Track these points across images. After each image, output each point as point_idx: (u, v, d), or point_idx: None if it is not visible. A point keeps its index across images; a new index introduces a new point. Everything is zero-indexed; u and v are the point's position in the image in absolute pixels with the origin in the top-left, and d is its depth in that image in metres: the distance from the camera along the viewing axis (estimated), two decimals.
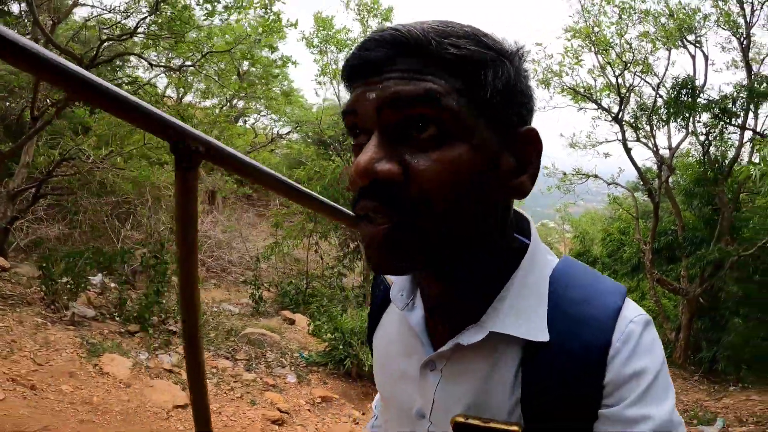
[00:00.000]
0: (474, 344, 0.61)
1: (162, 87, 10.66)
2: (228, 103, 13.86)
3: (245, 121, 16.87)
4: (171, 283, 7.12)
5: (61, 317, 5.94)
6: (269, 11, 7.00)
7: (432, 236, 0.55)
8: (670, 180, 11.44)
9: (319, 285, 11.88)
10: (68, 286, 6.15)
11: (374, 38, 0.55)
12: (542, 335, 0.59)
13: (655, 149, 10.93)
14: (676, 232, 11.16)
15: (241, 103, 14.91)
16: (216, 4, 6.66)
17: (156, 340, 6.16)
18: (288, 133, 17.28)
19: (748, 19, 9.31)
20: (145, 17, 6.27)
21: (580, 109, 11.71)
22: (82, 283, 6.21)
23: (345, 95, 0.62)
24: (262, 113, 15.43)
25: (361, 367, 7.11)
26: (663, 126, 10.96)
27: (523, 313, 0.61)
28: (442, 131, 0.53)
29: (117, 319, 6.44)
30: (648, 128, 10.87)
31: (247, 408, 5.34)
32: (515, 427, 0.60)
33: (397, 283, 0.71)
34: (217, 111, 13.16)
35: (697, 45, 10.13)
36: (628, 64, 10.33)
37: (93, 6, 7.44)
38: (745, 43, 9.44)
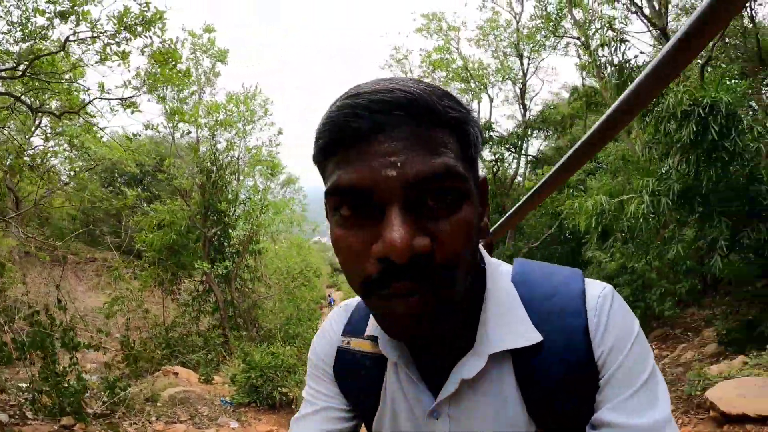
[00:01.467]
0: (475, 376, 0.63)
1: None
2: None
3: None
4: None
5: None
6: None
7: (456, 301, 0.56)
8: None
9: (175, 334, 11.40)
10: None
11: (382, 99, 0.51)
12: (535, 336, 0.62)
13: None
14: None
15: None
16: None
17: (98, 428, 5.71)
18: (87, 170, 15.32)
19: (525, 71, 12.93)
20: (35, 59, 5.60)
21: None
22: None
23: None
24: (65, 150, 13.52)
25: (283, 396, 7.69)
26: None
27: (509, 325, 0.63)
28: (455, 197, 0.53)
29: (31, 416, 5.66)
30: None
31: None
32: None
33: (379, 338, 0.70)
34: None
35: (483, 89, 13.45)
36: None
37: None
38: (521, 89, 13.04)
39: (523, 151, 13.00)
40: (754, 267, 5.81)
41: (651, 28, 10.21)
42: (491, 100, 13.95)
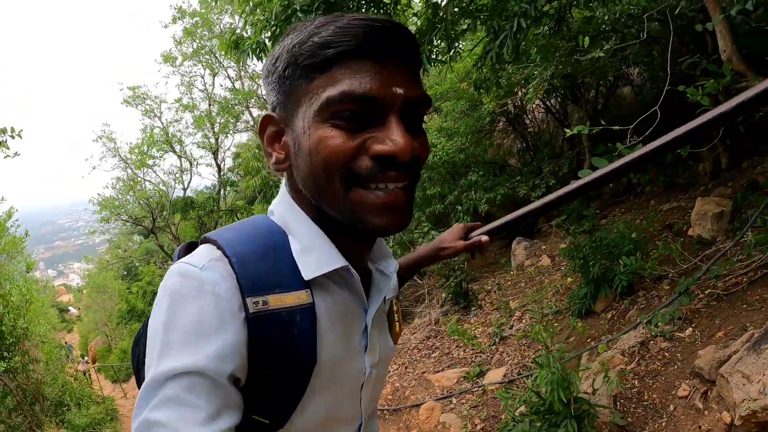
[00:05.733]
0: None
1: None
2: None
3: None
4: None
5: None
6: None
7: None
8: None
9: None
10: None
11: (400, 31, 0.61)
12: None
13: (174, 235, 16.08)
14: None
15: None
16: None
17: None
18: None
19: (218, 139, 16.13)
20: None
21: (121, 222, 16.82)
22: None
23: None
24: None
25: None
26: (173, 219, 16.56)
27: (384, 248, 0.78)
28: (422, 121, 0.65)
29: None
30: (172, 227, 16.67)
31: None
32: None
33: (313, 263, 0.65)
34: None
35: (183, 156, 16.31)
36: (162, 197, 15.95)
37: None
38: (214, 152, 16.11)
39: (220, 208, 15.86)
40: None
41: None
42: (191, 164, 16.61)
